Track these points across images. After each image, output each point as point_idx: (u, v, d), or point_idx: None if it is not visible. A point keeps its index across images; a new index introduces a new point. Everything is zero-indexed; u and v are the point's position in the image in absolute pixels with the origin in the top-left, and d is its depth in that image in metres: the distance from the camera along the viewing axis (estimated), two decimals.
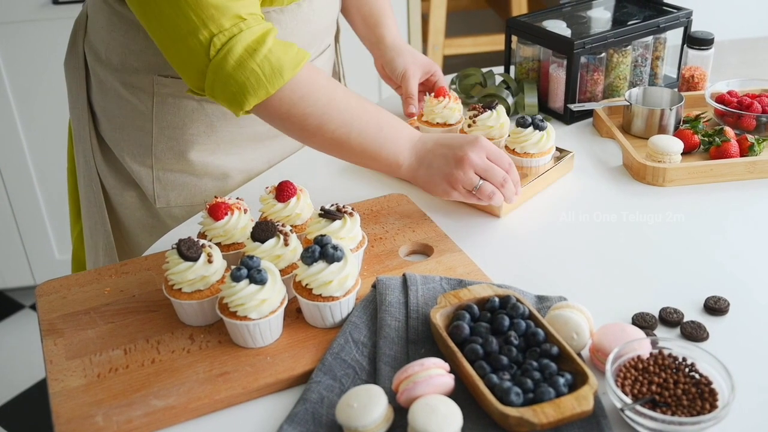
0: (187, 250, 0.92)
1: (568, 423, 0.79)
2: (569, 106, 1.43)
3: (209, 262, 0.93)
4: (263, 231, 0.96)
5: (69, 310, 0.99)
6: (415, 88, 1.39)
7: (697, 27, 1.52)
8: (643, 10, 1.55)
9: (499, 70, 1.60)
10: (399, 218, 1.15)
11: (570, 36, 1.45)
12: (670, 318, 0.95)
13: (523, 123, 1.24)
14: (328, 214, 0.99)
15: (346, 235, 0.98)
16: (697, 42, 1.48)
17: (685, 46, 1.51)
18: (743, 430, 0.81)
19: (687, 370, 0.83)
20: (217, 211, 1.01)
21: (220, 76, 1.01)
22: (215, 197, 1.03)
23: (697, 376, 0.83)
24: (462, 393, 0.83)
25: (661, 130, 1.36)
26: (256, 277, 0.88)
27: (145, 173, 1.26)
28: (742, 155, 1.28)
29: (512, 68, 1.58)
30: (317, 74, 1.07)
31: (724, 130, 1.32)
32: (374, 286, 0.98)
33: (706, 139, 1.32)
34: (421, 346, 0.90)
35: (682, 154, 1.29)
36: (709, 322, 0.95)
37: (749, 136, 1.30)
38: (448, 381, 0.81)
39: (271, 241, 0.96)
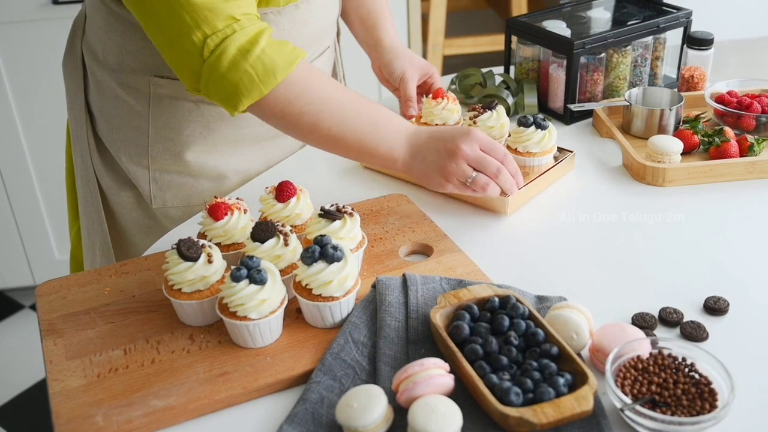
0: (187, 251, 0.92)
1: (568, 423, 0.79)
2: (569, 106, 1.43)
3: (209, 262, 0.93)
4: (263, 231, 0.96)
5: (69, 310, 0.99)
6: (414, 90, 1.39)
7: (697, 27, 1.52)
8: (643, 10, 1.55)
9: (499, 71, 1.60)
10: (399, 218, 1.15)
11: (570, 36, 1.45)
12: (669, 318, 0.95)
13: (525, 122, 1.24)
14: (328, 214, 0.99)
15: (346, 235, 0.98)
16: (696, 42, 1.48)
17: (685, 47, 1.51)
18: (743, 430, 0.81)
19: (687, 370, 0.83)
20: (217, 211, 1.01)
21: (214, 77, 1.02)
22: (215, 197, 1.03)
23: (697, 376, 0.83)
24: (462, 393, 0.83)
25: (661, 130, 1.36)
26: (256, 277, 0.88)
27: (142, 174, 1.27)
28: (742, 155, 1.28)
29: (512, 68, 1.58)
30: (312, 72, 1.07)
31: (724, 131, 1.32)
32: (374, 286, 0.98)
33: (706, 139, 1.32)
34: (421, 346, 0.90)
35: (682, 155, 1.29)
36: (709, 322, 0.95)
37: (749, 137, 1.30)
38: (448, 381, 0.81)
39: (271, 242, 0.96)
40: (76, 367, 0.89)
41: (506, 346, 0.85)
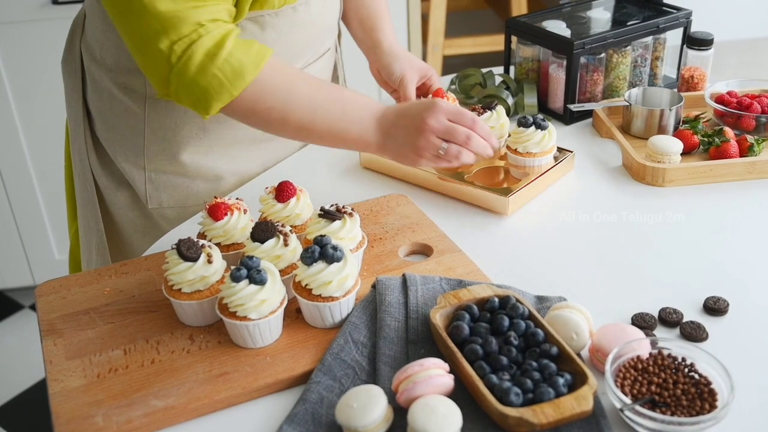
0: (187, 251, 0.92)
1: (568, 423, 0.79)
2: (569, 106, 1.43)
3: (209, 262, 0.93)
4: (263, 231, 0.96)
5: (69, 310, 0.99)
6: (414, 92, 1.39)
7: (697, 27, 1.52)
8: (643, 10, 1.55)
9: (499, 71, 1.60)
10: (399, 218, 1.15)
11: (570, 36, 1.45)
12: (669, 318, 0.95)
13: (525, 122, 1.24)
14: (328, 215, 0.99)
15: (345, 235, 0.98)
16: (696, 42, 1.48)
17: (685, 47, 1.51)
18: (743, 430, 0.81)
19: (686, 371, 0.83)
20: (216, 212, 1.01)
21: (184, 82, 1.02)
22: (215, 197, 1.03)
23: (697, 377, 0.83)
24: (461, 393, 0.83)
25: (661, 130, 1.36)
26: (256, 277, 0.88)
27: (138, 174, 1.27)
28: (742, 155, 1.28)
29: (512, 68, 1.58)
30: (278, 67, 1.07)
31: (724, 131, 1.32)
32: (374, 287, 0.98)
33: (706, 139, 1.32)
34: (421, 346, 0.90)
35: (682, 155, 1.29)
36: (709, 323, 0.95)
37: (749, 137, 1.30)
38: (448, 381, 0.81)
39: (271, 242, 0.96)
40: (76, 368, 0.89)
41: (506, 347, 0.85)
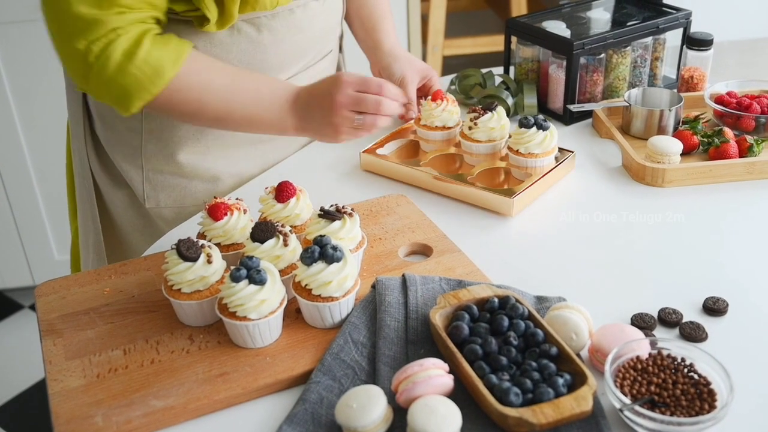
0: (187, 251, 0.92)
1: (567, 423, 0.79)
2: (569, 106, 1.43)
3: (209, 262, 0.93)
4: (263, 231, 0.96)
5: (68, 310, 0.99)
6: (414, 93, 1.39)
7: (697, 28, 1.52)
8: (643, 11, 1.55)
9: (499, 71, 1.60)
10: (398, 219, 1.15)
11: (569, 37, 1.45)
12: (669, 318, 0.95)
13: (526, 123, 1.24)
14: (328, 215, 0.99)
15: (345, 235, 0.98)
16: (696, 43, 1.48)
17: (685, 47, 1.51)
18: (742, 430, 0.81)
19: (686, 371, 0.83)
20: (216, 212, 1.01)
21: (102, 81, 1.03)
22: (215, 197, 1.04)
23: (696, 377, 0.83)
24: (461, 393, 0.83)
25: (661, 130, 1.36)
26: (256, 277, 0.88)
27: (135, 173, 1.27)
28: (741, 156, 1.28)
29: (512, 69, 1.58)
30: (195, 61, 1.08)
31: (723, 131, 1.32)
32: (374, 287, 0.98)
33: (705, 139, 1.32)
34: (421, 346, 0.90)
35: (681, 155, 1.29)
36: (708, 323, 0.95)
37: (748, 137, 1.31)
38: (448, 381, 0.81)
39: (271, 242, 0.96)
40: (76, 368, 0.89)
41: (505, 347, 0.85)
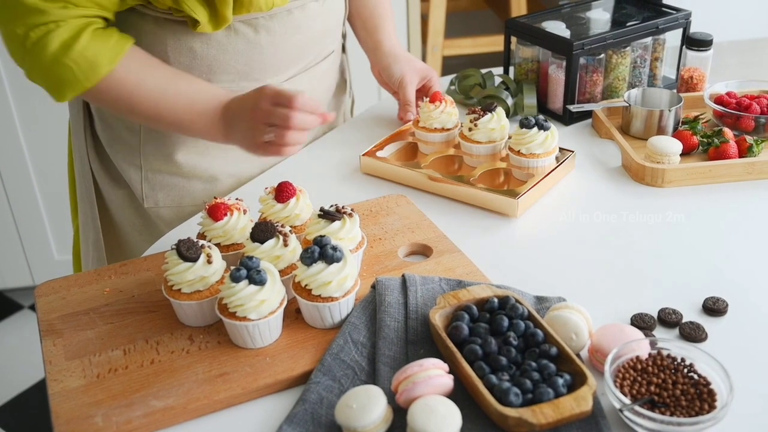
0: (187, 251, 0.92)
1: (567, 423, 0.79)
2: (568, 107, 1.43)
3: (208, 262, 0.93)
4: (263, 231, 0.96)
5: (68, 310, 0.99)
6: (413, 94, 1.39)
7: (696, 28, 1.52)
8: (642, 11, 1.55)
9: (499, 71, 1.60)
10: (398, 219, 1.15)
11: (569, 37, 1.45)
12: (668, 319, 0.95)
13: (527, 123, 1.24)
14: (328, 215, 0.99)
15: (345, 235, 0.98)
16: (695, 43, 1.48)
17: (684, 47, 1.51)
18: (742, 430, 0.81)
19: (686, 371, 0.83)
20: (216, 212, 1.01)
21: (37, 67, 1.04)
22: (214, 198, 1.04)
23: (696, 377, 0.83)
24: (461, 393, 0.83)
25: (660, 131, 1.37)
26: (256, 277, 0.88)
27: (134, 173, 1.27)
28: (741, 156, 1.28)
29: (511, 69, 1.58)
30: (132, 59, 1.08)
31: (723, 131, 1.32)
32: (373, 287, 0.98)
33: (705, 140, 1.32)
34: (420, 346, 0.90)
35: (681, 155, 1.30)
36: (708, 323, 0.95)
37: (748, 137, 1.31)
38: (447, 381, 0.81)
39: (271, 242, 0.96)
40: (76, 368, 0.89)
41: (505, 347, 0.85)
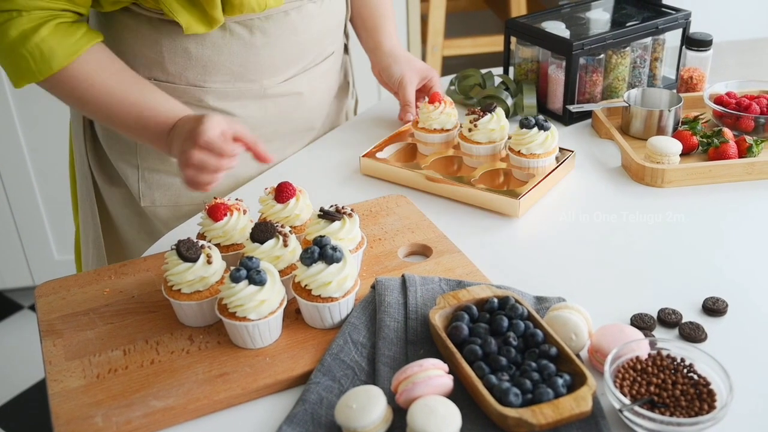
0: (187, 251, 0.92)
1: (567, 424, 0.79)
2: (568, 107, 1.43)
3: (208, 263, 0.93)
4: (262, 232, 0.96)
5: (68, 310, 0.99)
6: (412, 95, 1.39)
7: (696, 28, 1.52)
8: (642, 11, 1.55)
9: (498, 71, 1.60)
10: (398, 219, 1.15)
11: (569, 37, 1.45)
12: (668, 319, 0.95)
13: (527, 124, 1.24)
14: (328, 215, 0.99)
15: (345, 236, 0.98)
16: (695, 43, 1.48)
17: (684, 48, 1.52)
18: (742, 430, 0.81)
19: (685, 371, 0.83)
20: (216, 212, 1.01)
21: None
22: (214, 198, 1.04)
23: (696, 377, 0.83)
24: (461, 394, 0.83)
25: (660, 131, 1.37)
26: (256, 277, 0.88)
27: (131, 172, 1.27)
28: (741, 156, 1.29)
29: (511, 69, 1.58)
30: (89, 60, 1.08)
31: (723, 132, 1.32)
32: (373, 287, 0.98)
33: (705, 140, 1.32)
34: (420, 346, 0.90)
35: (681, 155, 1.30)
36: (708, 323, 0.95)
37: (748, 138, 1.31)
38: (447, 382, 0.81)
39: (271, 242, 0.96)
40: (76, 368, 0.89)
41: (505, 347, 0.85)
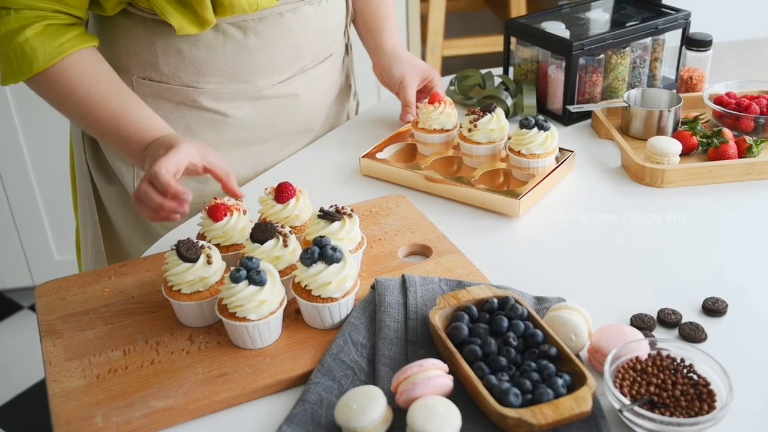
0: (187, 251, 0.92)
1: (567, 424, 0.79)
2: (568, 107, 1.43)
3: (208, 263, 0.93)
4: (262, 232, 0.96)
5: (68, 311, 0.99)
6: (413, 95, 1.39)
7: (696, 28, 1.52)
8: (642, 11, 1.56)
9: (498, 72, 1.60)
10: (398, 219, 1.15)
11: (569, 37, 1.45)
12: (668, 319, 0.95)
13: (527, 124, 1.24)
14: (327, 216, 0.99)
15: (345, 236, 0.98)
16: (695, 43, 1.48)
17: (684, 48, 1.52)
18: (741, 430, 0.81)
19: (685, 371, 0.83)
20: (216, 212, 1.01)
21: None
22: (214, 198, 1.04)
23: (696, 377, 0.83)
24: (461, 394, 0.83)
25: (660, 131, 1.37)
26: (256, 278, 0.88)
27: (127, 170, 1.28)
28: (741, 157, 1.29)
29: (511, 69, 1.58)
30: (72, 65, 1.09)
31: (723, 132, 1.32)
32: (373, 288, 0.98)
33: (705, 140, 1.32)
34: (420, 347, 0.90)
35: (681, 156, 1.30)
36: (708, 324, 0.95)
37: (747, 138, 1.31)
38: (447, 382, 0.81)
39: (271, 243, 0.96)
40: (76, 368, 0.89)
41: (505, 347, 0.85)
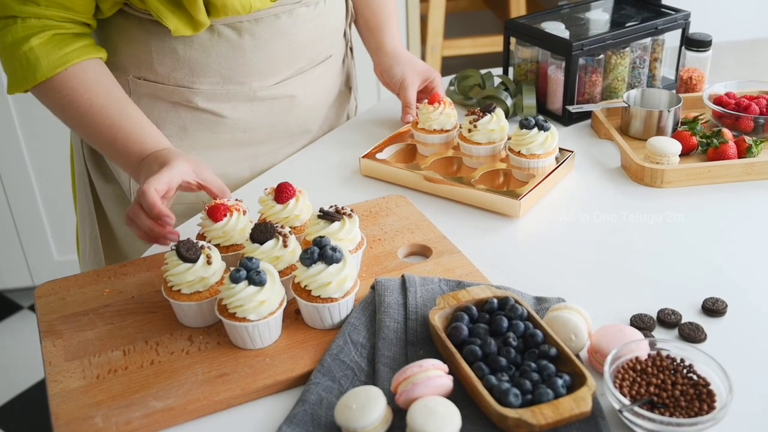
0: (186, 252, 0.92)
1: (567, 424, 0.79)
2: (568, 107, 1.43)
3: (208, 263, 0.93)
4: (262, 232, 0.96)
5: (68, 311, 0.99)
6: (413, 96, 1.39)
7: (695, 29, 1.52)
8: (642, 12, 1.56)
9: (498, 72, 1.60)
10: (398, 220, 1.15)
11: (568, 38, 1.45)
12: (668, 319, 0.95)
13: (527, 124, 1.24)
14: (327, 216, 0.99)
15: (345, 236, 0.98)
16: (695, 44, 1.49)
17: (683, 48, 1.52)
18: (741, 431, 0.81)
19: (685, 372, 0.83)
20: (216, 213, 1.01)
21: None
22: (214, 198, 1.04)
23: (695, 378, 0.83)
24: (461, 394, 0.83)
25: (660, 131, 1.37)
26: (255, 278, 0.88)
27: (123, 170, 1.27)
28: (740, 157, 1.29)
29: (511, 70, 1.58)
30: (75, 76, 1.09)
31: (722, 132, 1.32)
32: (373, 288, 0.98)
33: (704, 140, 1.32)
34: (420, 347, 0.90)
35: (680, 156, 1.30)
36: (707, 324, 0.95)
37: (747, 138, 1.31)
38: (447, 382, 0.81)
39: (270, 243, 0.96)
40: (76, 369, 0.89)
41: (505, 348, 0.85)
